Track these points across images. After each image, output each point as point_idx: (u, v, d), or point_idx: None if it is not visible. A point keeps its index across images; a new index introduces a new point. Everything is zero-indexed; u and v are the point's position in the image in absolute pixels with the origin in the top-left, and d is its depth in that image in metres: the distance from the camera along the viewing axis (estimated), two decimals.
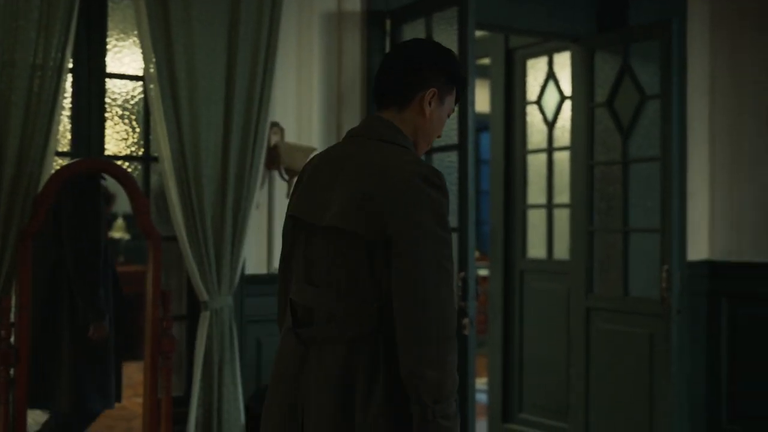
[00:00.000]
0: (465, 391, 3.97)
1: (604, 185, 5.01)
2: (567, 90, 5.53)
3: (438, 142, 4.21)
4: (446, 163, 4.16)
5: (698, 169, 5.20)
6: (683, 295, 4.83)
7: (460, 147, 3.98)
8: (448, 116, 2.31)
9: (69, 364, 3.68)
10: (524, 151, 5.94)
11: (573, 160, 5.17)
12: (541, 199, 5.88)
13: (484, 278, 6.82)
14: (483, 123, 6.88)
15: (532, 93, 5.95)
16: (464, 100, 3.93)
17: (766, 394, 4.93)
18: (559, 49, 5.66)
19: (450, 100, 2.29)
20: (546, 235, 5.85)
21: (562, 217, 5.70)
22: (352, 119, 4.39)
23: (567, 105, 5.54)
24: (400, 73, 2.24)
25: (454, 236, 4.04)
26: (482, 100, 6.72)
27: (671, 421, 4.56)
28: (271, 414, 2.26)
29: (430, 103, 2.23)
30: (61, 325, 3.70)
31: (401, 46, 2.34)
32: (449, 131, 4.14)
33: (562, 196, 5.69)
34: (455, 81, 2.28)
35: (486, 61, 6.42)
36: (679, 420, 4.76)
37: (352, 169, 2.15)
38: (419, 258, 2.03)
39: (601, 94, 4.99)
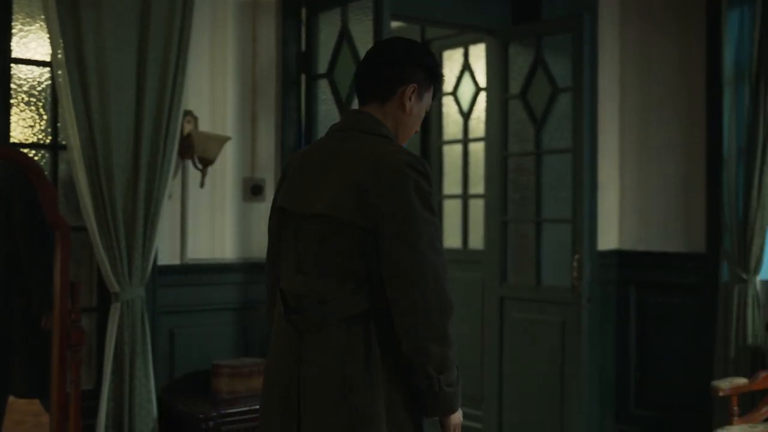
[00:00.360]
0: None
1: (518, 176, 5.08)
2: (482, 81, 5.59)
3: None
4: None
5: (609, 160, 5.31)
6: (594, 284, 4.94)
7: None
8: (426, 113, 2.42)
9: (22, 354, 3.65)
10: (440, 142, 5.99)
11: (488, 151, 5.23)
12: (457, 190, 5.95)
13: None
14: None
15: (447, 84, 6.00)
16: None
17: (672, 380, 5.08)
18: (475, 41, 5.72)
19: (428, 96, 2.38)
20: (461, 225, 5.92)
21: (477, 208, 5.77)
22: (267, 108, 4.36)
23: (482, 96, 5.61)
24: (383, 69, 2.33)
25: None
26: None
27: (582, 406, 4.67)
28: (270, 398, 2.34)
29: (410, 98, 2.33)
30: (14, 315, 3.66)
31: (383, 43, 2.44)
32: None
33: (477, 186, 5.76)
34: (433, 78, 2.38)
35: None
36: (589, 405, 4.87)
37: (340, 160, 2.25)
38: (413, 240, 2.14)
39: (515, 86, 5.06)
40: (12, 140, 3.79)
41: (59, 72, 3.62)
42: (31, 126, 3.90)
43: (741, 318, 4.55)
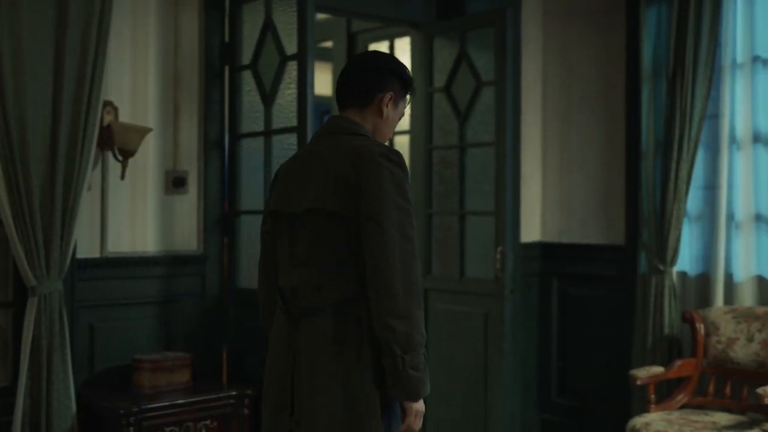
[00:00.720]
0: None
1: (442, 169, 5.12)
2: None
3: (277, 124, 4.20)
4: (285, 146, 4.15)
5: (531, 154, 5.39)
6: (516, 276, 5.01)
7: (299, 129, 3.97)
8: (399, 119, 2.64)
9: None
10: None
11: (412, 144, 5.26)
12: None
13: None
14: (327, 106, 6.88)
15: None
16: (303, 81, 3.92)
17: (592, 369, 5.18)
18: (400, 35, 5.74)
19: (402, 104, 2.63)
20: None
21: None
22: (190, 100, 4.31)
23: None
24: (363, 77, 2.56)
25: None
26: (325, 83, 6.73)
27: (505, 396, 4.73)
28: (270, 384, 2.54)
29: (387, 105, 2.57)
30: None
31: (363, 55, 2.73)
32: (289, 114, 4.12)
33: None
34: (407, 88, 2.62)
35: (328, 44, 6.42)
36: (512, 395, 4.94)
37: (322, 159, 2.47)
38: (383, 224, 2.33)
39: (439, 80, 5.09)
40: None
41: None
42: None
43: (658, 308, 4.66)
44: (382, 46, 5.91)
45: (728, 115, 4.53)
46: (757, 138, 4.48)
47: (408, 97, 2.66)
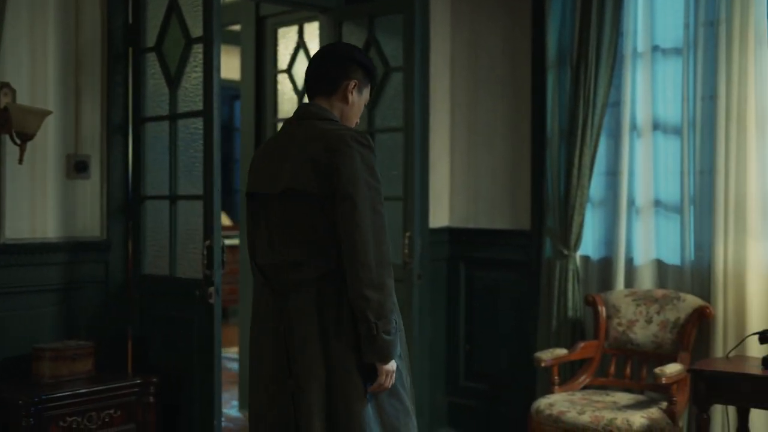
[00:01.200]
0: (211, 359, 3.92)
1: None
2: None
3: (183, 108, 4.14)
4: (191, 130, 4.09)
5: (439, 140, 5.43)
6: (424, 261, 5.05)
7: (206, 113, 3.91)
8: (365, 106, 2.89)
9: None
10: (275, 120, 5.95)
11: None
12: None
13: (236, 247, 6.79)
14: (235, 90, 6.81)
15: (283, 62, 5.96)
16: (209, 65, 3.87)
17: (499, 352, 5.27)
18: (310, 19, 5.71)
19: (366, 91, 2.86)
20: None
21: None
22: (92, 82, 4.20)
23: None
24: (329, 67, 2.79)
25: (199, 204, 3.98)
26: (233, 67, 6.66)
27: (413, 380, 4.75)
28: (259, 347, 2.77)
29: (352, 92, 2.79)
30: None
31: (329, 47, 2.96)
32: (195, 98, 4.06)
33: None
34: (370, 76, 2.85)
35: (237, 27, 6.34)
36: (420, 379, 4.98)
37: (296, 142, 2.68)
38: (356, 201, 2.55)
39: None
40: None
41: None
42: None
43: (562, 292, 4.76)
44: (291, 31, 5.87)
45: (629, 103, 4.64)
46: (656, 125, 4.61)
47: (371, 84, 2.88)
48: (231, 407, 6.10)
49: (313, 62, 2.84)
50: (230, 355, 7.44)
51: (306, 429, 2.64)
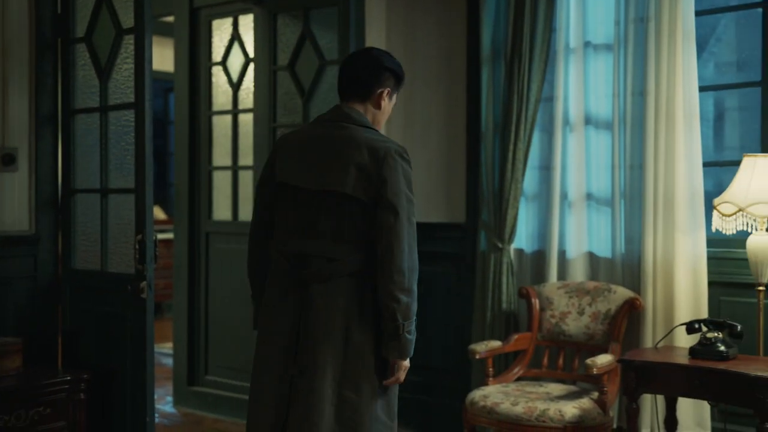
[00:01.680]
0: (143, 355, 3.87)
1: None
2: (252, 52, 5.54)
3: (114, 100, 4.08)
4: (122, 122, 4.02)
5: None
6: None
7: (137, 105, 3.85)
8: (391, 110, 3.05)
9: None
10: (209, 113, 5.89)
11: (256, 122, 5.20)
12: (226, 161, 5.88)
13: (170, 241, 6.71)
14: (168, 83, 6.72)
15: (217, 54, 5.90)
16: (140, 56, 3.81)
17: (434, 345, 5.29)
18: (244, 11, 5.66)
19: (395, 96, 3.05)
20: (231, 197, 5.86)
21: (246, 179, 5.74)
22: (20, 73, 4.12)
23: (252, 67, 5.55)
24: (364, 74, 2.95)
25: (131, 197, 3.93)
26: (167, 58, 6.57)
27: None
28: (269, 329, 2.93)
29: (384, 99, 2.98)
30: None
31: (367, 53, 3.05)
32: (126, 89, 4.00)
33: (247, 158, 5.72)
34: (400, 83, 3.04)
35: (170, 19, 6.26)
36: None
37: (340, 145, 2.85)
38: (398, 212, 2.78)
39: (283, 58, 5.05)
40: None
41: None
42: None
43: (497, 285, 4.81)
44: (226, 23, 5.81)
45: (562, 98, 4.70)
46: (588, 120, 4.67)
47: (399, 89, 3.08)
48: (166, 403, 6.03)
49: (348, 67, 3.01)
50: (165, 351, 7.37)
51: (317, 413, 2.82)
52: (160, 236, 4.42)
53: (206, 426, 5.58)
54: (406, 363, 2.89)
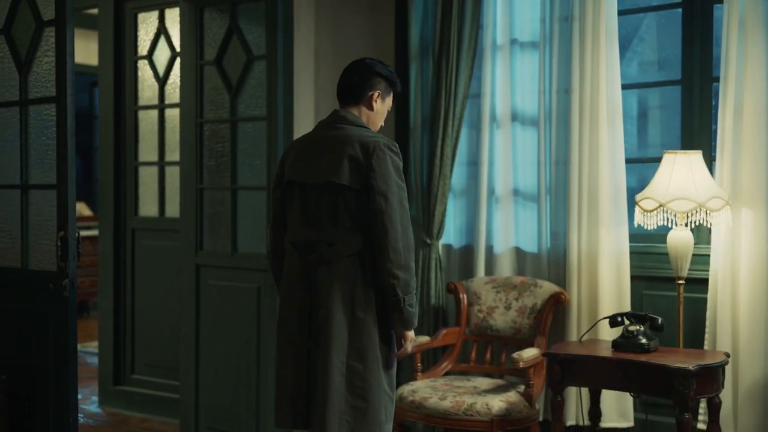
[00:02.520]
0: (66, 354, 3.79)
1: (214, 143, 5.04)
2: (179, 46, 5.46)
3: (34, 94, 3.99)
4: (44, 116, 3.93)
5: (304, 129, 5.36)
6: None
7: (59, 99, 3.77)
8: (387, 111, 3.45)
9: None
10: (135, 107, 5.80)
11: (182, 117, 5.13)
12: (153, 157, 5.80)
13: (95, 238, 6.59)
14: (93, 77, 6.59)
15: (143, 47, 5.82)
16: (62, 49, 3.73)
17: None
18: (170, 4, 5.59)
19: (389, 99, 3.44)
20: (158, 192, 5.78)
21: (173, 175, 5.66)
22: None
23: (179, 62, 5.48)
24: (357, 80, 3.37)
25: (53, 194, 3.84)
26: (92, 52, 6.44)
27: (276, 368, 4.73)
28: (288, 313, 3.30)
29: (376, 101, 3.37)
30: None
31: (356, 62, 3.44)
32: (47, 83, 3.91)
33: (174, 153, 5.65)
34: (392, 86, 3.44)
35: (94, 11, 6.14)
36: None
37: (335, 142, 3.24)
38: (388, 197, 3.13)
39: (210, 53, 4.99)
40: None
41: None
42: None
43: (425, 280, 4.83)
44: (152, 16, 5.73)
45: (489, 94, 4.74)
46: (514, 117, 4.73)
47: (393, 92, 3.44)
48: (91, 403, 5.93)
49: (343, 75, 3.41)
50: (90, 350, 7.24)
51: (327, 382, 3.14)
52: (86, 233, 4.34)
53: (133, 425, 5.50)
54: (412, 334, 3.24)
